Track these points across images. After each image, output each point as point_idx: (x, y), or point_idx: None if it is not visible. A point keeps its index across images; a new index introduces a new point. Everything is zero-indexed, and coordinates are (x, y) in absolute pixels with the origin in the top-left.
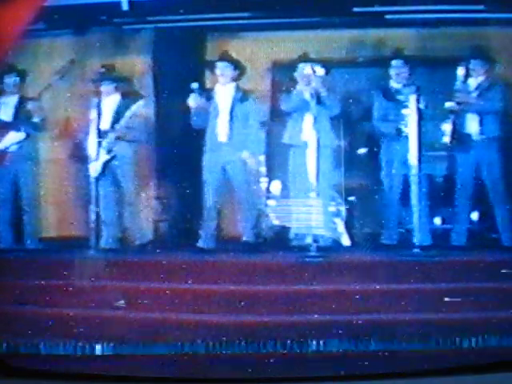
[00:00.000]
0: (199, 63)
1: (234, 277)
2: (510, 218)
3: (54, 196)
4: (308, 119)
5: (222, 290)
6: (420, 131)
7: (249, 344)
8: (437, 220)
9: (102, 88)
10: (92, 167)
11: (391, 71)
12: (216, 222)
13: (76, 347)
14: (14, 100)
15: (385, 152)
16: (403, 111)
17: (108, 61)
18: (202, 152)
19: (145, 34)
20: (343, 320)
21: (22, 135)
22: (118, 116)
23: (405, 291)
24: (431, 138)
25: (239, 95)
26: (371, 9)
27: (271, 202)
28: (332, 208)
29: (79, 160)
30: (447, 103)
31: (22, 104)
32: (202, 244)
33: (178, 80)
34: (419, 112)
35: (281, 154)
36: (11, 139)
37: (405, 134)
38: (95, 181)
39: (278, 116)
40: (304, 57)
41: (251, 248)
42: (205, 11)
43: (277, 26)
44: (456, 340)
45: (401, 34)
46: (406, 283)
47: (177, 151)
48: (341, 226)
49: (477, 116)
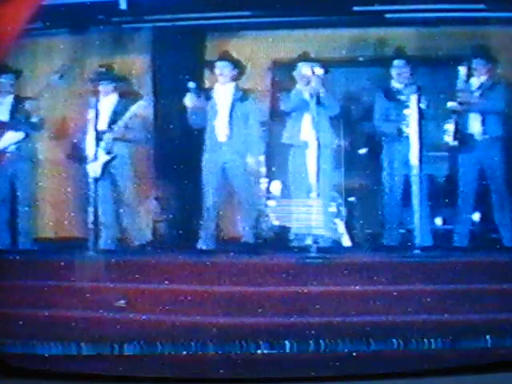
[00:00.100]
0: (198, 63)
1: (234, 278)
2: None
3: (53, 197)
4: (307, 119)
5: (222, 291)
6: (421, 131)
7: (249, 345)
8: (438, 221)
9: (101, 88)
10: (90, 168)
11: (392, 71)
12: (215, 223)
13: (76, 347)
14: (11, 100)
15: (386, 152)
16: (404, 111)
17: (106, 60)
18: (202, 152)
19: (143, 34)
20: (343, 321)
21: (21, 135)
22: (117, 116)
23: (406, 292)
24: (433, 138)
25: (239, 95)
26: (371, 8)
27: (271, 203)
28: (332, 208)
29: (78, 160)
30: (449, 103)
31: (20, 104)
32: (202, 245)
33: (177, 79)
34: (420, 112)
35: (281, 154)
36: (9, 139)
37: (406, 134)
38: (94, 181)
39: (278, 116)
40: (304, 56)
41: (251, 249)
42: (204, 10)
43: (277, 25)
44: (457, 341)
45: (401, 34)
46: (407, 284)
47: (176, 151)
48: (341, 227)
49: (479, 116)
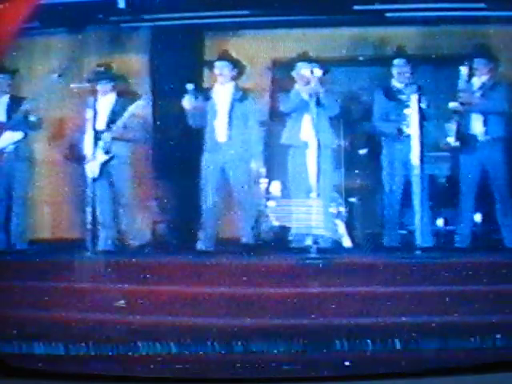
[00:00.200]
0: (197, 62)
1: (233, 279)
2: None
3: (50, 197)
4: (307, 119)
5: (221, 292)
6: (422, 131)
7: (248, 345)
8: (439, 221)
9: (99, 87)
10: (89, 167)
11: (393, 70)
12: (215, 224)
13: (75, 347)
14: (8, 99)
15: (386, 152)
16: (405, 111)
17: (105, 59)
18: (201, 152)
19: (142, 33)
20: (344, 322)
21: (19, 135)
22: (115, 116)
23: (406, 293)
24: (434, 139)
25: (238, 94)
26: (372, 7)
27: (271, 203)
28: (333, 209)
29: (76, 160)
30: (451, 103)
31: (17, 103)
32: (201, 246)
33: (176, 79)
34: (421, 112)
35: (281, 155)
36: (7, 139)
37: (406, 134)
38: (92, 181)
39: (278, 116)
40: (304, 56)
41: (251, 250)
42: (203, 9)
43: (276, 24)
44: (458, 341)
45: (402, 33)
46: (408, 285)
47: (175, 151)
48: (341, 228)
49: (481, 116)
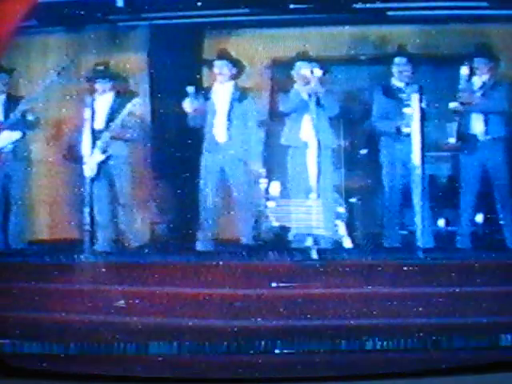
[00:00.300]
0: (197, 61)
1: (233, 280)
2: None
3: (48, 197)
4: (307, 120)
5: (220, 294)
6: (423, 131)
7: (248, 346)
8: (440, 222)
9: (97, 86)
10: (86, 167)
11: (394, 69)
12: (214, 224)
13: (76, 348)
14: (5, 99)
15: (386, 152)
16: (404, 110)
17: (103, 58)
18: (200, 152)
19: (140, 32)
20: (344, 323)
21: (17, 135)
22: (113, 115)
23: (407, 294)
24: (435, 138)
25: (238, 94)
26: (372, 5)
27: (271, 204)
28: (333, 210)
29: (73, 160)
30: (451, 103)
31: (15, 103)
32: (200, 247)
33: (175, 78)
34: (422, 111)
35: (280, 155)
36: (5, 139)
37: (406, 134)
38: (90, 181)
39: (278, 116)
40: (303, 55)
41: (250, 250)
42: (202, 7)
43: (276, 23)
44: (459, 342)
45: (403, 31)
46: (409, 286)
47: (174, 151)
48: (342, 228)
49: (481, 116)
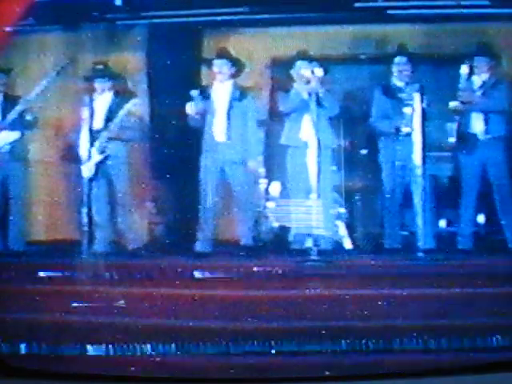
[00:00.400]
0: (196, 60)
1: (232, 281)
2: None
3: (46, 197)
4: (307, 119)
5: (219, 295)
6: (424, 131)
7: (248, 347)
8: (442, 222)
9: (96, 85)
10: (85, 168)
11: (394, 68)
12: (213, 225)
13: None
14: (3, 98)
15: (387, 152)
16: (404, 109)
17: (101, 58)
18: (199, 152)
19: (139, 30)
20: (344, 324)
21: (16, 134)
22: (112, 114)
23: (408, 296)
24: (435, 138)
25: (237, 93)
26: (373, 4)
27: (270, 204)
28: (333, 210)
29: (72, 160)
30: (451, 103)
31: (13, 102)
32: (199, 248)
33: (174, 78)
34: (422, 111)
35: (280, 155)
36: (3, 139)
37: (405, 133)
38: (88, 182)
39: (278, 115)
40: (303, 54)
41: (250, 252)
42: (201, 6)
43: (276, 22)
44: (459, 343)
45: (403, 30)
46: (410, 287)
47: (173, 151)
48: (342, 229)
49: (482, 115)
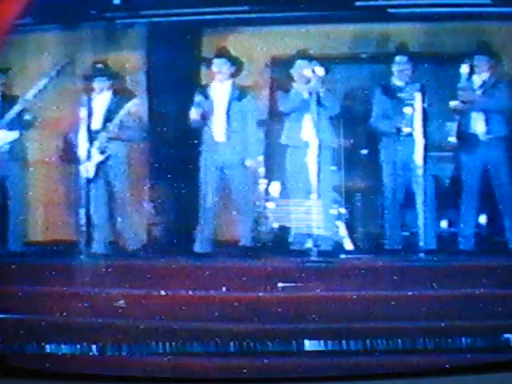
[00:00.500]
0: (195, 59)
1: (232, 282)
2: None
3: (45, 198)
4: (307, 119)
5: (219, 296)
6: (425, 130)
7: (247, 347)
8: (443, 223)
9: (95, 85)
10: (84, 168)
11: (394, 67)
12: (213, 226)
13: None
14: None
15: (388, 152)
16: (404, 109)
17: (100, 57)
18: (199, 152)
19: (138, 29)
20: (345, 325)
21: (14, 134)
22: (111, 114)
23: (409, 297)
24: (436, 138)
25: (237, 92)
26: (374, 3)
27: (270, 204)
28: (333, 210)
29: (70, 160)
30: (452, 102)
31: (11, 102)
32: (199, 248)
33: (173, 77)
34: (423, 111)
35: (280, 155)
36: (1, 139)
37: (406, 133)
38: (87, 182)
39: (277, 115)
40: (303, 53)
41: (250, 252)
42: (200, 5)
43: (276, 21)
44: (459, 342)
45: (404, 29)
46: (411, 289)
47: (172, 151)
48: (342, 229)
49: (482, 115)
